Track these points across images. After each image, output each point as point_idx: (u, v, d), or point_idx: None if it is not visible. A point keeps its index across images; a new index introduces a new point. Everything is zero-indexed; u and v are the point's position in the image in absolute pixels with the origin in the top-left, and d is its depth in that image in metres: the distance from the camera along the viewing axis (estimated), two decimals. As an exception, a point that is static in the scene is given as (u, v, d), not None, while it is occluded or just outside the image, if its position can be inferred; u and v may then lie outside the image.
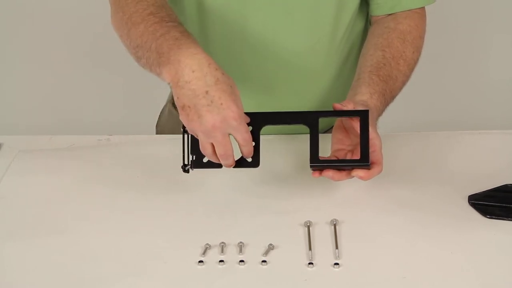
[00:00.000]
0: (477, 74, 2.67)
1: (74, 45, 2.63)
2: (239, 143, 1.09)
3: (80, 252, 1.09)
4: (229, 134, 1.07)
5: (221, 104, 1.04)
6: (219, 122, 1.04)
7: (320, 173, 1.13)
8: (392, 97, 1.25)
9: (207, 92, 1.04)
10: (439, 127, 1.85)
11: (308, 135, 1.12)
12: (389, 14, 1.34)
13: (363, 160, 1.10)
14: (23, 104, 2.68)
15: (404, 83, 1.28)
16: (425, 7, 1.35)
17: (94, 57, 2.64)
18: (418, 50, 1.32)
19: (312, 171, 1.13)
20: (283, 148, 1.31)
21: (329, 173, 1.12)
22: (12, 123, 2.56)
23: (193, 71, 1.04)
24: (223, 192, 1.22)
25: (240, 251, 1.08)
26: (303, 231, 1.12)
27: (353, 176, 1.12)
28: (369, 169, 1.11)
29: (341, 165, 1.13)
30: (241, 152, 1.11)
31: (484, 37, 2.62)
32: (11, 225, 1.16)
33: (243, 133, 1.07)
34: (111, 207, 1.19)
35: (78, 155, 1.32)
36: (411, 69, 1.30)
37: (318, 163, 1.12)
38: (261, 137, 1.13)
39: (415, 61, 1.31)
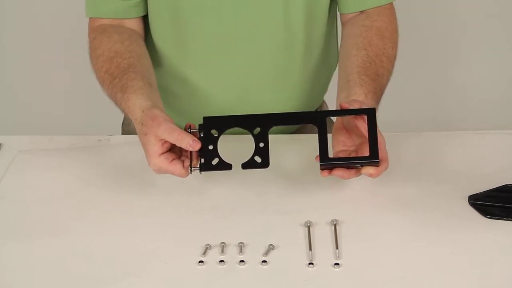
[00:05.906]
0: (477, 74, 2.67)
1: (74, 45, 2.61)
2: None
3: (80, 252, 1.10)
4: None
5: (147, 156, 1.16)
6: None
7: (330, 173, 1.12)
8: (382, 94, 1.26)
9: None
10: (439, 127, 1.85)
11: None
12: (360, 13, 1.35)
13: (373, 157, 1.10)
14: (23, 104, 2.68)
15: (388, 79, 1.30)
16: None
17: (94, 57, 2.63)
18: (396, 45, 1.33)
19: (320, 170, 1.12)
20: (282, 149, 1.30)
21: (339, 172, 1.12)
22: (12, 123, 2.56)
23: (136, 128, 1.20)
24: (223, 192, 1.22)
25: (240, 251, 1.08)
26: (303, 231, 1.12)
27: (361, 174, 1.12)
28: (378, 166, 1.11)
29: (351, 162, 1.12)
30: None
31: (484, 36, 2.61)
32: (11, 225, 1.16)
33: (169, 172, 1.14)
34: (111, 207, 1.19)
35: (78, 155, 1.32)
36: (393, 65, 1.32)
37: (328, 162, 1.11)
38: None
39: (395, 56, 1.33)
